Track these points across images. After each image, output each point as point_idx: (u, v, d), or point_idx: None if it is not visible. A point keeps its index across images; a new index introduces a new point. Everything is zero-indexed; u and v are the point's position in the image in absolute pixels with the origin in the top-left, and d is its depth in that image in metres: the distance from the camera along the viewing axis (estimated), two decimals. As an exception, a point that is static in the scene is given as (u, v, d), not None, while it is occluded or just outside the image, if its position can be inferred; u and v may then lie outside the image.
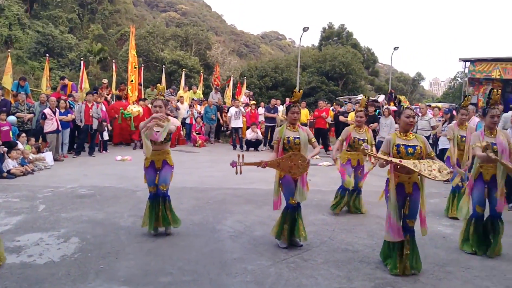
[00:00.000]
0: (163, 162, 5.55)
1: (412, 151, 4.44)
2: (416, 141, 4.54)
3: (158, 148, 5.49)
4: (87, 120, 12.49)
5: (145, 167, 5.55)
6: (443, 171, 4.28)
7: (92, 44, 34.56)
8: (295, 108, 5.23)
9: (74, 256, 4.74)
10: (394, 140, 4.57)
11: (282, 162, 4.98)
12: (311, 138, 5.27)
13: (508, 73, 21.33)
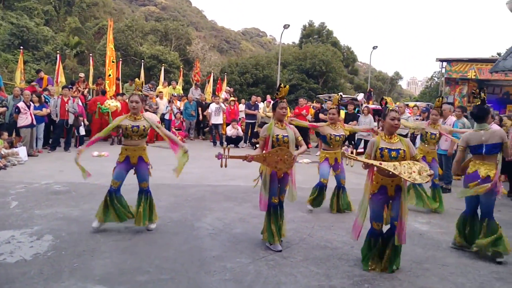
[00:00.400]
0: (139, 159, 5.47)
1: (395, 155, 4.42)
2: (401, 144, 4.51)
3: (135, 143, 5.39)
4: (63, 114, 12.22)
5: (118, 162, 5.45)
6: (423, 173, 4.30)
7: (68, 37, 33.91)
8: (282, 104, 5.18)
9: (47, 254, 4.62)
10: (378, 142, 4.54)
11: (268, 156, 4.94)
12: (297, 137, 5.23)
13: (483, 74, 21.69)
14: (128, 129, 5.33)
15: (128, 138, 5.38)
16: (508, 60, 13.26)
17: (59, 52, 18.82)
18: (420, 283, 4.26)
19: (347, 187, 7.46)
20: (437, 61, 23.44)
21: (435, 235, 5.93)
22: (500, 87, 22.56)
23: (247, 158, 4.95)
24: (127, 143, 5.45)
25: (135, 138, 5.37)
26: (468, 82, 22.68)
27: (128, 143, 5.43)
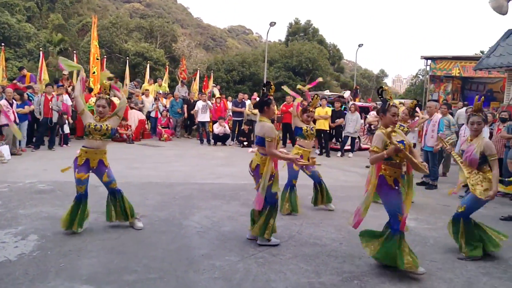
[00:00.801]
0: (99, 162, 5.30)
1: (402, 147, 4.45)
2: (400, 136, 4.58)
3: (96, 146, 5.22)
4: (47, 112, 12.05)
5: (78, 165, 5.23)
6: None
7: (52, 34, 33.45)
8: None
9: (32, 254, 4.53)
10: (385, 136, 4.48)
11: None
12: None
13: (467, 71, 21.98)
14: (91, 126, 5.14)
15: (90, 137, 5.18)
16: (491, 58, 13.44)
17: (42, 49, 18.56)
18: (409, 279, 4.27)
19: (336, 184, 7.50)
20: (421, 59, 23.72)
21: (422, 231, 5.96)
22: (484, 84, 22.88)
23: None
24: (88, 144, 5.22)
25: (97, 137, 5.20)
26: (452, 80, 22.97)
27: (89, 144, 5.21)
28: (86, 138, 5.24)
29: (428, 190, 8.83)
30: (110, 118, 5.32)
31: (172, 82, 25.00)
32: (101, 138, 5.20)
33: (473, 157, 4.96)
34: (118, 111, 5.41)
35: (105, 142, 5.30)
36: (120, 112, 5.44)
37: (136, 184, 8.09)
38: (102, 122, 5.21)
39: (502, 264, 4.82)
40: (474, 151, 4.97)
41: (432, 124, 8.96)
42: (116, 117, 5.38)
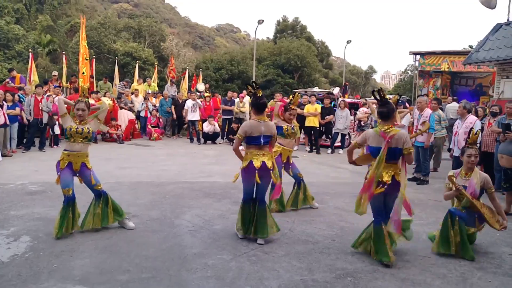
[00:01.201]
0: (82, 165, 5.24)
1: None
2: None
3: (77, 149, 5.18)
4: (37, 113, 11.93)
5: (60, 168, 5.19)
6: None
7: (40, 36, 33.13)
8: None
9: (25, 255, 4.49)
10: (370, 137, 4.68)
11: None
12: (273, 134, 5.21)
13: (456, 66, 22.06)
14: (72, 129, 5.11)
15: (71, 140, 5.14)
16: (480, 52, 13.53)
17: (31, 51, 18.38)
18: (402, 275, 4.29)
19: (327, 181, 7.51)
20: (410, 54, 23.76)
21: (415, 226, 5.94)
22: (473, 79, 23.01)
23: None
24: (69, 147, 5.19)
25: (78, 140, 5.16)
26: (441, 75, 23.07)
27: (70, 147, 5.18)
28: (67, 141, 5.22)
29: (419, 186, 8.88)
30: (91, 120, 5.30)
31: (161, 82, 24.89)
32: (82, 141, 5.18)
33: (475, 193, 4.98)
34: (98, 114, 5.39)
35: (87, 145, 5.29)
36: (101, 116, 5.42)
37: (127, 184, 8.05)
38: (83, 125, 5.19)
39: (496, 259, 4.85)
40: (475, 186, 4.98)
41: (422, 119, 9.00)
42: (96, 120, 5.37)
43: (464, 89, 23.04)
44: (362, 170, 10.44)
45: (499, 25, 13.78)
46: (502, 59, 12.67)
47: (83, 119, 5.23)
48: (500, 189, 8.05)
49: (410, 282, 4.13)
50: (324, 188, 8.07)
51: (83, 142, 5.19)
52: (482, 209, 4.93)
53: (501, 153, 6.83)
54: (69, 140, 5.17)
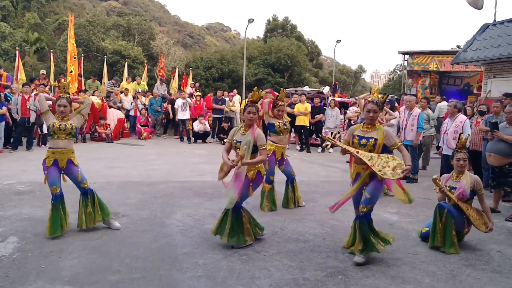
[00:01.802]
0: (68, 161, 5.20)
1: (364, 143, 4.51)
2: (376, 133, 4.55)
3: (62, 146, 5.14)
4: (24, 112, 11.81)
5: (46, 167, 5.15)
6: (397, 170, 4.37)
7: (28, 33, 32.79)
8: (251, 108, 4.93)
9: (12, 256, 4.43)
10: (354, 129, 4.69)
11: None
12: (259, 144, 4.86)
13: (444, 66, 22.27)
14: (55, 126, 5.06)
15: (55, 138, 5.09)
16: (468, 52, 13.65)
17: (18, 49, 18.17)
18: (392, 273, 4.30)
19: (317, 179, 7.52)
20: (399, 54, 23.94)
21: (405, 224, 6.02)
22: (461, 78, 23.23)
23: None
24: (54, 145, 5.14)
25: (62, 137, 5.11)
26: (430, 74, 23.26)
27: (55, 145, 5.13)
28: (50, 138, 5.17)
29: (409, 184, 8.92)
30: (73, 116, 5.26)
31: (150, 80, 24.75)
32: (66, 137, 5.14)
33: (464, 194, 5.05)
34: (82, 110, 5.34)
35: (71, 141, 5.27)
36: (84, 111, 5.37)
37: (117, 183, 7.99)
38: (66, 121, 5.15)
39: (484, 256, 4.89)
40: (464, 187, 5.06)
41: (411, 118, 9.05)
42: (79, 116, 5.32)
43: (452, 88, 23.26)
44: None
45: (486, 25, 13.92)
46: (489, 59, 12.80)
47: (65, 115, 5.19)
48: (487, 187, 8.15)
49: (400, 279, 4.15)
50: (314, 187, 8.08)
51: (67, 138, 5.15)
52: (468, 211, 5.02)
53: (489, 152, 6.89)
54: (52, 138, 5.12)
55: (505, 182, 6.73)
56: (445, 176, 5.41)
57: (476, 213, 5.08)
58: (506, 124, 6.88)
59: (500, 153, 6.68)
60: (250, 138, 4.82)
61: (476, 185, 5.11)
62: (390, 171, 4.34)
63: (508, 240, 5.48)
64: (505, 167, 6.67)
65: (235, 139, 4.98)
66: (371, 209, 4.62)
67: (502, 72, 12.96)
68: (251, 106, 4.96)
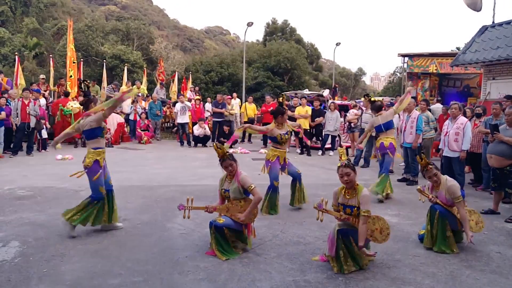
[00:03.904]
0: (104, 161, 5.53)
1: (349, 212, 4.46)
2: (355, 200, 4.43)
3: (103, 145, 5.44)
4: (24, 117, 11.83)
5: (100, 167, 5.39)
6: (384, 232, 4.47)
7: (27, 39, 32.89)
8: (226, 162, 4.91)
9: (14, 261, 4.44)
10: (338, 195, 4.63)
11: (231, 207, 4.87)
12: (247, 187, 4.83)
13: (443, 68, 22.28)
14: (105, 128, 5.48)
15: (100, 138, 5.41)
16: (467, 54, 13.68)
17: (17, 54, 18.22)
18: (392, 274, 4.32)
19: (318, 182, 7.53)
20: (399, 56, 23.94)
21: (405, 226, 6.04)
22: (461, 80, 23.23)
23: (208, 209, 4.88)
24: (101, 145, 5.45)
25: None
26: (429, 76, 23.26)
27: (101, 145, 5.45)
28: (99, 139, 5.39)
29: (409, 186, 8.93)
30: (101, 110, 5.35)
31: (150, 85, 24.81)
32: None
33: (448, 202, 5.13)
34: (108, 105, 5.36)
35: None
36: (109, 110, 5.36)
37: (117, 188, 7.92)
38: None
39: (483, 257, 4.90)
40: (445, 197, 5.14)
41: (410, 120, 9.07)
42: (100, 114, 5.34)
43: (452, 90, 23.26)
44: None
45: (484, 27, 13.95)
46: (488, 61, 12.82)
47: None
48: (488, 189, 8.17)
49: (401, 281, 4.16)
50: (315, 190, 8.09)
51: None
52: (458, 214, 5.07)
53: (490, 153, 6.91)
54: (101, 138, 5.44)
55: (506, 184, 6.74)
56: (429, 185, 5.45)
57: (469, 214, 5.13)
58: (506, 126, 6.90)
59: (501, 155, 6.70)
60: (236, 185, 4.88)
61: (450, 193, 5.07)
62: (379, 234, 4.46)
63: (507, 241, 5.50)
64: (506, 169, 6.68)
65: (223, 188, 5.03)
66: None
67: (501, 74, 12.98)
68: (224, 160, 4.93)
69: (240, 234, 4.91)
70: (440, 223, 5.03)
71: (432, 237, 5.09)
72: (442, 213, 5.06)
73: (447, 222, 5.04)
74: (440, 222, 5.03)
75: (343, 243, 4.36)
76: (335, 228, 4.44)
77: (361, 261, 4.41)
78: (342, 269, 4.32)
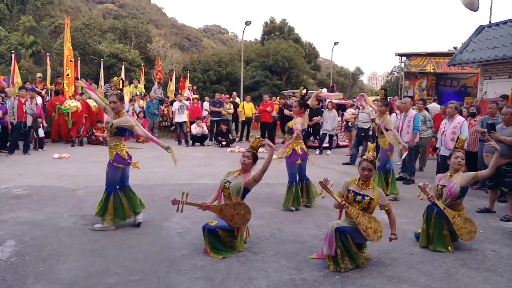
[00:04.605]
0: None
1: (360, 199, 4.51)
2: (371, 192, 4.54)
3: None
4: (21, 116, 11.80)
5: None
6: (377, 233, 4.49)
7: (23, 37, 32.81)
8: (248, 153, 5.04)
9: (10, 260, 4.44)
10: (349, 184, 4.69)
11: (225, 208, 4.86)
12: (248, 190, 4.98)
13: (441, 67, 22.34)
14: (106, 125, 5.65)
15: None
16: (464, 54, 13.72)
17: (14, 52, 18.18)
18: (389, 273, 4.34)
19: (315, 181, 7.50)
20: (396, 55, 23.99)
21: (401, 225, 6.04)
22: (458, 80, 23.29)
23: (202, 206, 4.90)
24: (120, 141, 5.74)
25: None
26: (427, 76, 23.33)
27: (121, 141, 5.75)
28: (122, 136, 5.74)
29: (406, 185, 8.96)
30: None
31: (148, 83, 24.80)
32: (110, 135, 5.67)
33: (453, 191, 5.14)
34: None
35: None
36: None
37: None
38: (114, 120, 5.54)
39: (479, 255, 4.93)
40: (454, 185, 5.15)
41: (407, 120, 9.10)
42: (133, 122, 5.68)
43: (449, 89, 23.32)
44: (350, 170, 10.55)
45: (481, 27, 14.00)
46: (485, 60, 12.87)
47: (118, 112, 5.54)
48: (484, 188, 8.21)
49: (397, 279, 4.18)
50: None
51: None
52: (454, 219, 5.07)
53: (487, 152, 6.94)
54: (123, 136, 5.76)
55: (502, 183, 6.76)
56: (439, 176, 5.49)
57: (463, 222, 5.11)
58: (503, 125, 6.93)
59: (497, 154, 6.72)
60: (240, 181, 4.90)
61: (467, 177, 5.22)
62: (373, 233, 4.47)
63: (502, 240, 5.53)
64: (502, 168, 6.71)
65: (226, 179, 5.04)
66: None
67: (498, 74, 13.03)
68: (249, 151, 5.07)
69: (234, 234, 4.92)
70: (437, 222, 5.06)
71: (428, 236, 5.12)
72: (439, 212, 5.08)
73: (444, 221, 5.06)
74: (437, 221, 5.06)
75: (341, 241, 4.38)
76: (333, 227, 4.46)
77: (358, 260, 4.43)
78: (339, 268, 4.33)
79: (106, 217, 5.44)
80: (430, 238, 5.10)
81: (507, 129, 6.81)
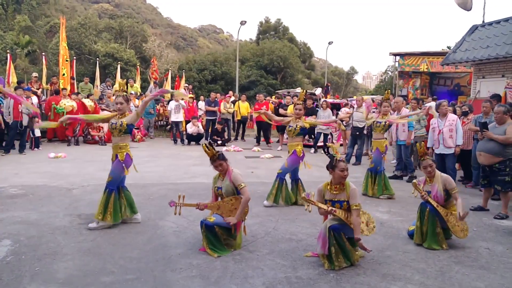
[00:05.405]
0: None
1: (338, 207, 4.52)
2: (344, 195, 4.55)
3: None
4: (16, 116, 11.77)
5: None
6: (370, 225, 4.56)
7: (19, 36, 32.68)
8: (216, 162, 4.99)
9: (6, 259, 4.44)
10: (323, 192, 4.72)
11: (222, 204, 4.89)
12: (237, 185, 4.88)
13: (434, 66, 22.47)
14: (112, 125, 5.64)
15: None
16: (457, 53, 13.79)
17: (9, 52, 18.11)
18: (383, 270, 4.37)
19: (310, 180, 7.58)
20: (390, 55, 24.10)
21: (395, 223, 6.10)
22: (451, 79, 23.41)
23: (199, 206, 4.92)
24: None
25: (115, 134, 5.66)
26: (420, 75, 23.45)
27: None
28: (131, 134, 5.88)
29: (399, 184, 9.00)
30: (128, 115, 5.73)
31: (143, 83, 24.76)
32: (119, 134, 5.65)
33: (439, 196, 5.22)
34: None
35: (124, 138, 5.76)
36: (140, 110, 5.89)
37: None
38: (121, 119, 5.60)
39: (472, 253, 4.97)
40: (438, 189, 5.24)
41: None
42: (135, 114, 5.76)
43: (442, 89, 23.44)
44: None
45: (474, 26, 14.08)
46: (478, 60, 12.94)
47: (123, 112, 5.63)
48: (477, 186, 8.27)
49: (391, 277, 4.22)
50: (307, 187, 8.09)
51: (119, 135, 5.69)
52: (447, 217, 5.13)
53: (479, 151, 6.99)
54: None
55: (495, 181, 6.81)
56: (422, 180, 5.53)
57: (456, 220, 5.16)
58: (496, 124, 6.98)
59: (490, 152, 6.78)
60: (228, 183, 4.92)
61: (447, 184, 5.23)
62: (366, 227, 4.55)
63: (496, 238, 5.58)
64: (495, 166, 6.76)
65: (216, 186, 5.06)
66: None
67: (491, 73, 13.11)
68: (214, 160, 5.01)
69: (231, 232, 4.94)
70: (430, 220, 5.10)
71: (422, 234, 5.17)
72: (432, 210, 5.13)
73: (437, 219, 5.11)
74: (430, 219, 5.10)
75: (335, 239, 4.41)
76: (326, 225, 4.49)
77: (352, 257, 4.47)
78: (333, 266, 4.36)
79: (107, 215, 5.45)
80: (423, 236, 5.15)
81: (500, 127, 6.86)
